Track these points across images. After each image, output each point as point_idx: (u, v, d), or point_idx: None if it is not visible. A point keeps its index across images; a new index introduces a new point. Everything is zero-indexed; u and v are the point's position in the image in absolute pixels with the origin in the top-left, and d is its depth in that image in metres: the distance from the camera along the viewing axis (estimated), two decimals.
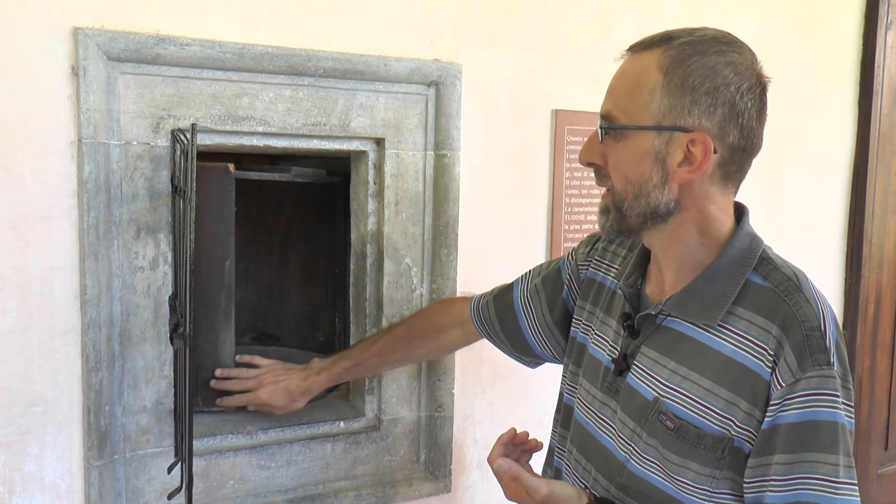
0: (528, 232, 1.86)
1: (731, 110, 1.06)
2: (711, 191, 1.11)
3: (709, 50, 1.06)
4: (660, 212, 1.10)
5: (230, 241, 1.62)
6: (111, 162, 1.43)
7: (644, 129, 1.07)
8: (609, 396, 1.22)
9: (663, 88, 1.05)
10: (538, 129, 1.84)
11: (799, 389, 1.02)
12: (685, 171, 1.07)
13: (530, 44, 1.80)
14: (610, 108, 1.10)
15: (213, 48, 1.46)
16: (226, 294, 1.62)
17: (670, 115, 1.06)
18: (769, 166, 2.21)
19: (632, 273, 1.24)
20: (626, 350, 1.21)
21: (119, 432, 1.48)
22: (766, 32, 2.14)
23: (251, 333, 2.35)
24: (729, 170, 1.10)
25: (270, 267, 2.33)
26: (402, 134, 1.69)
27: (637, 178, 1.09)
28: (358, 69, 1.60)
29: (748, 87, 1.07)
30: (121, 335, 1.47)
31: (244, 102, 1.53)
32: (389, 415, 1.75)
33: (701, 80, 1.05)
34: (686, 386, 1.11)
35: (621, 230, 1.15)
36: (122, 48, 1.40)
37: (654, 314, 1.17)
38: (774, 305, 1.07)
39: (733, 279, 1.11)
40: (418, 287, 1.74)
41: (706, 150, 1.06)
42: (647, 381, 1.16)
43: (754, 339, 1.07)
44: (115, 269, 1.45)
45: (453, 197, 1.73)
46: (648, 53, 1.08)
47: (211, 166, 1.57)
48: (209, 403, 1.66)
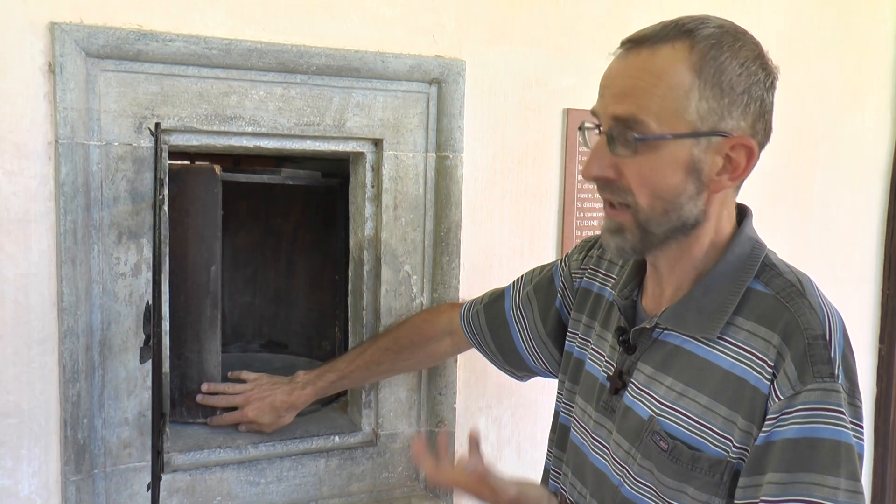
0: (537, 238, 1.76)
1: (761, 108, 0.97)
2: (729, 195, 1.02)
3: (735, 44, 0.96)
4: (688, 224, 1.00)
5: (216, 245, 1.55)
6: (91, 163, 1.37)
7: (682, 137, 0.95)
8: (605, 416, 1.13)
9: (699, 90, 0.94)
10: (548, 129, 1.74)
11: (798, 403, 0.92)
12: (726, 178, 0.98)
13: (540, 39, 1.70)
14: (634, 111, 0.95)
15: (197, 44, 1.39)
16: (211, 301, 1.55)
17: (709, 120, 0.95)
18: (798, 168, 2.09)
19: (627, 283, 1.14)
20: (622, 367, 1.11)
21: (99, 445, 1.42)
22: (795, 26, 2.02)
23: (259, 340, 2.29)
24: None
25: (278, 272, 2.27)
26: (401, 134, 1.60)
27: (669, 191, 0.97)
28: (353, 66, 1.52)
29: (772, 82, 0.99)
30: (101, 344, 1.40)
31: (232, 101, 1.46)
32: (387, 429, 1.67)
33: (737, 79, 0.95)
34: (683, 403, 1.02)
35: (643, 250, 1.03)
36: (101, 44, 1.33)
37: (650, 328, 1.07)
38: (776, 313, 0.97)
39: (733, 287, 1.01)
40: (418, 296, 1.65)
41: (750, 154, 0.97)
42: (643, 399, 1.07)
43: (755, 351, 0.97)
44: (94, 275, 1.39)
45: (455, 201, 1.64)
46: (669, 49, 0.95)
47: (196, 167, 1.50)
48: (195, 415, 1.60)
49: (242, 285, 2.29)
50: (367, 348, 1.54)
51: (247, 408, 1.56)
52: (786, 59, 1.99)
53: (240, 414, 1.57)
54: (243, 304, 2.30)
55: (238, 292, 2.30)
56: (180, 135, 1.45)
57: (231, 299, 2.30)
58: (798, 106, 2.06)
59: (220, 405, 1.58)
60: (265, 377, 1.62)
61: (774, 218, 2.06)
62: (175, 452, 1.52)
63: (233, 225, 2.27)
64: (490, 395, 1.76)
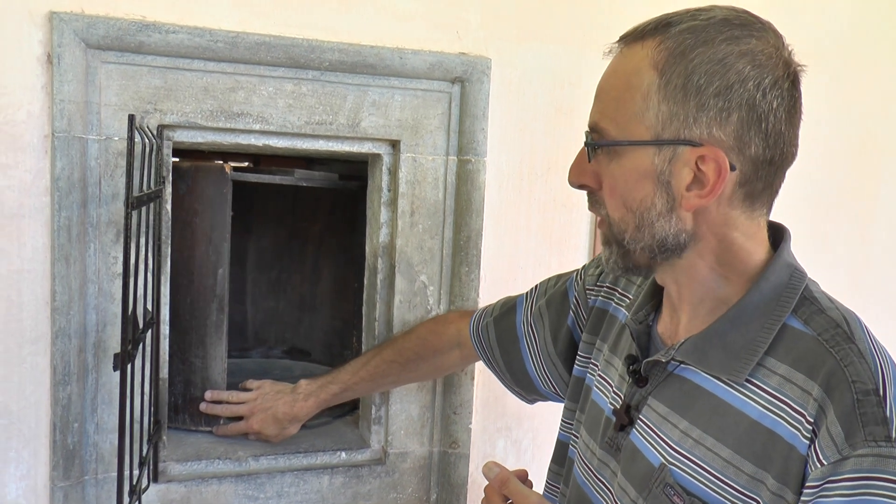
0: (566, 250, 1.64)
1: (751, 114, 0.83)
2: (733, 215, 0.88)
3: (716, 37, 0.84)
4: (668, 245, 0.89)
5: (225, 248, 1.49)
6: (88, 158, 1.32)
7: (639, 144, 0.86)
8: (609, 455, 1.01)
9: (660, 91, 0.84)
10: (580, 134, 1.60)
11: (846, 471, 0.77)
12: (695, 195, 0.85)
13: (572, 37, 1.59)
14: (597, 118, 0.91)
15: (202, 36, 1.33)
16: (218, 305, 1.49)
17: (671, 126, 0.84)
18: (859, 182, 1.91)
19: (642, 306, 1.02)
20: (631, 400, 0.99)
21: (90, 451, 1.37)
22: (860, 24, 1.84)
23: (282, 347, 2.23)
24: (754, 188, 0.87)
25: (303, 277, 2.21)
26: (420, 136, 1.51)
27: (637, 204, 0.88)
28: (369, 62, 1.43)
29: (772, 82, 0.84)
30: (95, 346, 1.35)
31: (239, 97, 1.39)
32: (397, 448, 1.57)
33: (708, 77, 0.83)
34: (699, 453, 0.88)
35: (627, 267, 0.94)
36: (101, 35, 1.28)
37: (665, 361, 0.95)
38: (817, 359, 0.83)
39: (766, 322, 0.88)
40: (434, 308, 1.56)
41: (720, 168, 0.84)
42: (653, 441, 0.94)
43: (789, 400, 0.83)
44: (90, 274, 1.34)
45: (477, 208, 1.54)
46: (640, 47, 0.87)
47: (205, 166, 1.45)
48: (198, 423, 1.54)
49: (266, 289, 2.24)
50: (370, 359, 1.45)
51: (251, 419, 1.50)
52: (848, 60, 1.85)
53: (245, 425, 1.51)
54: (267, 308, 2.24)
55: (262, 296, 2.24)
56: (184, 131, 1.39)
57: (255, 303, 2.25)
58: (861, 112, 1.88)
59: (223, 414, 1.52)
60: (268, 385, 1.55)
61: (829, 238, 1.88)
62: (172, 462, 1.46)
63: (259, 227, 2.22)
64: (510, 415, 1.65)
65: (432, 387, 1.58)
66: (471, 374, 1.58)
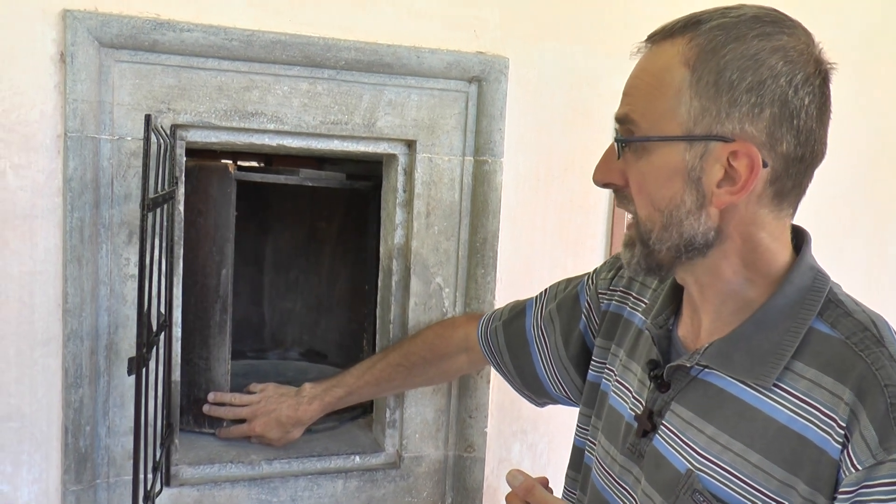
0: (582, 252, 1.62)
1: (783, 110, 0.82)
2: (761, 213, 0.87)
3: (748, 34, 0.82)
4: (696, 244, 0.87)
5: (229, 248, 1.47)
6: (101, 158, 1.30)
7: (670, 139, 0.84)
8: (631, 461, 0.99)
9: (692, 87, 0.83)
10: (598, 135, 1.60)
11: (881, 476, 0.75)
12: (726, 192, 0.84)
13: (591, 36, 1.57)
14: (626, 114, 0.89)
15: (217, 34, 1.31)
16: (221, 306, 1.48)
17: (703, 121, 0.83)
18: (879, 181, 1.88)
19: (662, 310, 1.00)
20: (653, 406, 0.97)
21: (102, 455, 1.35)
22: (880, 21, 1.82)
23: (298, 348, 2.21)
24: (783, 186, 0.86)
25: (321, 278, 2.19)
26: (436, 136, 1.49)
27: (665, 203, 0.86)
28: (385, 61, 1.41)
29: (804, 78, 0.82)
30: (107, 348, 1.34)
31: (254, 96, 1.37)
32: (412, 452, 1.55)
33: (740, 73, 0.81)
34: (728, 458, 0.87)
35: (650, 267, 0.92)
36: (115, 33, 1.26)
37: (689, 366, 0.93)
38: (846, 362, 0.81)
39: (792, 326, 0.86)
40: (450, 311, 1.54)
41: (752, 163, 0.82)
42: (678, 447, 0.92)
43: (818, 405, 0.81)
44: (102, 276, 1.32)
45: (494, 209, 1.51)
46: (670, 44, 0.86)
47: (209, 165, 1.43)
48: (201, 424, 1.52)
49: (284, 290, 2.22)
50: (376, 363, 1.44)
51: (254, 422, 1.49)
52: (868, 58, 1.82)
53: (247, 427, 1.49)
54: (284, 309, 2.22)
55: (279, 297, 2.23)
56: (197, 131, 1.37)
57: (271, 304, 2.23)
58: (883, 110, 1.85)
59: (226, 417, 1.51)
60: (272, 388, 1.53)
61: (847, 239, 1.86)
62: (184, 465, 1.44)
63: (276, 227, 2.20)
64: (525, 419, 1.63)
65: (447, 390, 1.56)
66: (486, 377, 1.56)
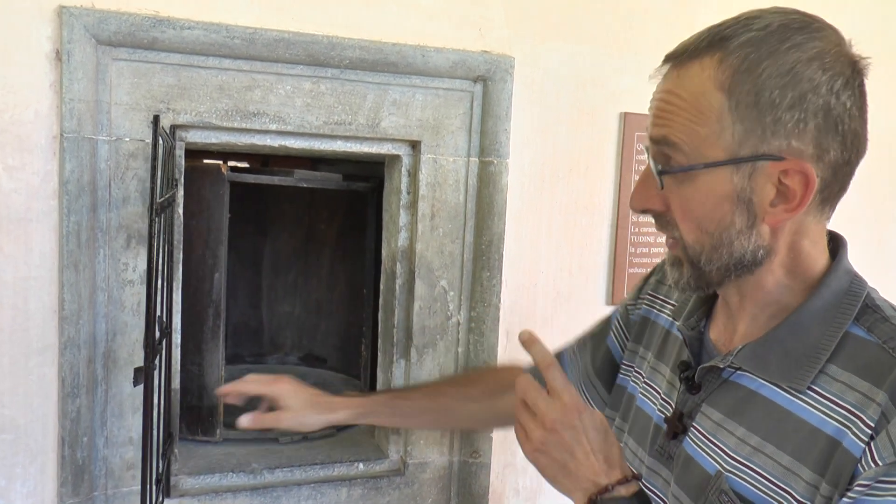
0: (587, 254, 1.60)
1: (828, 119, 0.79)
2: (806, 221, 0.84)
3: (780, 47, 0.79)
4: (745, 262, 0.84)
5: (222, 251, 1.44)
6: (99, 160, 1.26)
7: (716, 164, 0.81)
8: (660, 463, 0.97)
9: (732, 112, 0.79)
10: (603, 134, 1.58)
11: None
12: (782, 210, 0.81)
13: (597, 36, 1.54)
14: (665, 136, 0.84)
15: (218, 32, 1.27)
16: (214, 310, 1.44)
17: (748, 143, 0.80)
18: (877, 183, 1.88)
19: (693, 312, 0.98)
20: (683, 408, 0.94)
21: (100, 466, 1.31)
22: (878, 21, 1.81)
23: (298, 352, 2.18)
24: (831, 192, 0.83)
25: (320, 280, 2.16)
26: (441, 136, 1.46)
27: (715, 225, 0.83)
28: (390, 60, 1.38)
29: (844, 83, 0.79)
30: (105, 356, 1.29)
31: (256, 96, 1.34)
32: (417, 458, 1.52)
33: (781, 90, 0.78)
34: (758, 460, 0.85)
35: (699, 286, 0.89)
36: (113, 31, 1.22)
37: (722, 367, 0.90)
38: (883, 367, 0.79)
39: (829, 329, 0.84)
40: (454, 314, 1.51)
41: (807, 180, 0.79)
42: (708, 449, 0.90)
43: (851, 407, 0.79)
44: (99, 281, 1.28)
45: (499, 211, 1.49)
46: (698, 66, 0.81)
47: (202, 166, 1.39)
48: (195, 431, 1.48)
49: (282, 293, 2.18)
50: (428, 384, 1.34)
51: (280, 383, 1.26)
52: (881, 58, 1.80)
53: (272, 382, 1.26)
54: (283, 313, 2.19)
55: (278, 301, 2.19)
56: (198, 131, 1.33)
57: (270, 308, 2.20)
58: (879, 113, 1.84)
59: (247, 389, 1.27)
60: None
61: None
62: (184, 475, 1.40)
63: (275, 229, 2.16)
64: None
65: None
66: None
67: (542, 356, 0.89)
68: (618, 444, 0.87)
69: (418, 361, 1.49)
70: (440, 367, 1.51)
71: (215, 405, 1.54)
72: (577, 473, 0.83)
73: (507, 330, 1.54)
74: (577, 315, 1.60)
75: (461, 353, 1.51)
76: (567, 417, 0.83)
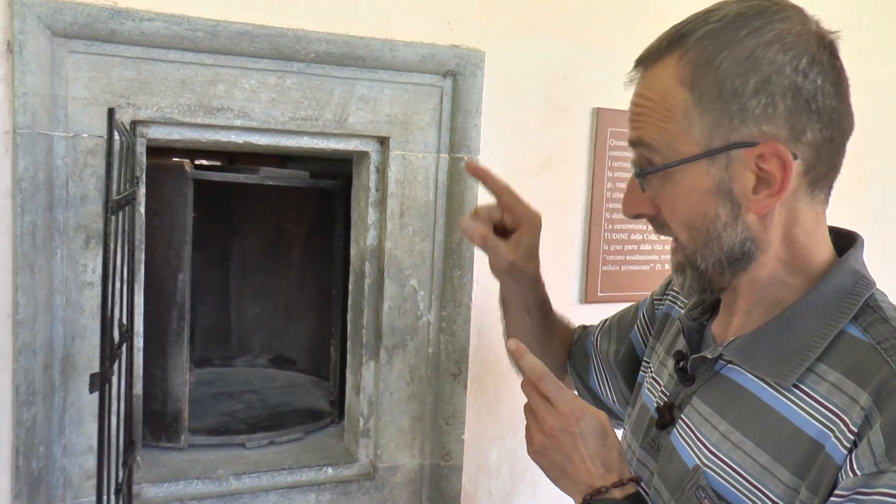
0: (560, 252, 1.58)
1: (797, 98, 0.78)
2: (796, 208, 0.83)
3: (737, 35, 0.78)
4: (735, 254, 0.83)
5: (186, 251, 1.39)
6: (55, 157, 1.21)
7: (690, 160, 0.80)
8: (648, 455, 0.96)
9: (697, 106, 0.79)
10: (576, 130, 1.56)
11: (879, 485, 0.70)
12: (765, 196, 0.80)
13: (569, 29, 1.52)
14: (639, 137, 0.84)
15: (180, 25, 1.23)
16: (178, 312, 1.40)
17: (718, 134, 0.79)
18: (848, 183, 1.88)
19: (698, 303, 0.96)
20: (675, 399, 0.93)
21: (58, 476, 1.26)
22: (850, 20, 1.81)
23: (267, 355, 2.14)
24: (817, 173, 0.82)
25: (289, 281, 2.11)
26: (410, 132, 1.43)
27: (700, 220, 0.82)
28: (358, 54, 1.34)
29: (810, 60, 0.78)
30: (63, 362, 1.24)
31: (220, 91, 1.29)
32: (387, 461, 1.49)
33: (742, 77, 0.77)
34: (736, 457, 0.83)
35: (703, 288, 0.89)
36: (69, 22, 1.17)
37: (712, 358, 0.89)
38: (871, 367, 0.77)
39: (822, 327, 0.82)
40: (425, 314, 1.48)
41: (783, 161, 0.78)
42: (691, 442, 0.89)
43: (836, 409, 0.77)
44: (57, 283, 1.23)
45: (470, 208, 1.46)
46: (661, 66, 0.82)
47: (164, 164, 1.35)
48: (159, 437, 1.44)
49: (252, 295, 2.14)
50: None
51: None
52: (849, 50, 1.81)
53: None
54: (252, 315, 2.14)
55: (247, 302, 2.14)
56: (159, 127, 1.29)
57: (239, 309, 2.15)
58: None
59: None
60: None
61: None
62: (147, 483, 1.36)
63: (243, 228, 2.12)
64: (504, 424, 1.58)
65: (423, 397, 1.50)
66: (463, 382, 1.50)
67: (532, 368, 0.89)
68: (619, 446, 0.87)
69: (388, 363, 1.46)
70: (410, 369, 1.48)
71: (180, 410, 1.49)
72: (575, 477, 0.85)
73: (479, 330, 1.51)
74: None
75: (432, 354, 1.48)
76: (564, 424, 0.84)
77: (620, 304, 1.63)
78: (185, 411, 1.49)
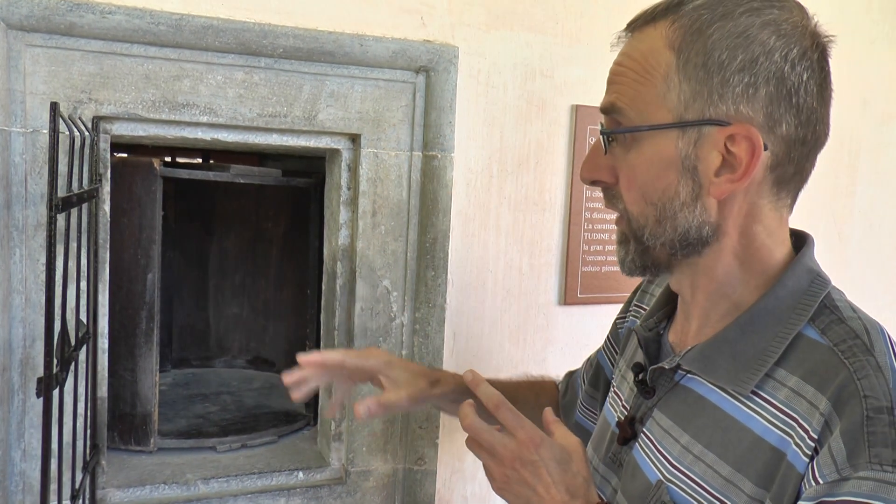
0: (538, 252, 1.54)
1: (780, 87, 0.75)
2: (759, 204, 0.80)
3: (735, 10, 0.76)
4: (690, 239, 0.80)
5: (155, 250, 1.36)
6: (13, 153, 1.18)
7: (661, 127, 0.77)
8: (611, 471, 0.92)
9: (679, 71, 0.76)
10: (553, 128, 1.53)
11: (843, 493, 0.67)
12: (726, 179, 0.77)
13: (545, 25, 1.49)
14: (611, 105, 0.81)
15: (142, 18, 1.20)
16: (147, 313, 1.37)
17: (694, 106, 0.76)
18: (836, 182, 1.86)
19: (654, 313, 0.94)
20: (636, 412, 0.90)
21: (16, 481, 1.23)
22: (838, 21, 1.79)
23: (246, 356, 2.11)
24: (785, 172, 0.79)
25: (268, 281, 2.09)
26: (382, 130, 1.40)
27: (658, 195, 0.79)
28: (327, 49, 1.32)
29: (800, 53, 0.75)
30: (22, 364, 1.21)
31: (185, 86, 1.26)
32: (359, 466, 1.46)
33: (730, 52, 0.74)
34: (699, 470, 0.80)
35: (645, 265, 0.84)
36: (25, 14, 1.14)
37: (670, 369, 0.86)
38: (829, 371, 0.74)
39: (780, 331, 0.79)
40: (398, 315, 1.45)
41: (753, 146, 0.75)
42: (653, 456, 0.86)
43: (796, 416, 0.74)
44: (16, 283, 1.20)
45: (444, 207, 1.43)
46: (652, 28, 0.79)
47: (132, 161, 1.32)
48: (127, 441, 1.41)
49: (230, 294, 2.11)
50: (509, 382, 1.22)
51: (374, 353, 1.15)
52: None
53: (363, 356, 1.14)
54: (230, 315, 2.11)
55: (225, 302, 2.12)
56: (123, 123, 1.26)
57: (217, 310, 2.12)
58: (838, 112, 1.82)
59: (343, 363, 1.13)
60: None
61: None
62: (112, 488, 1.33)
63: (221, 227, 2.09)
64: None
65: None
66: None
67: (488, 397, 0.86)
68: (584, 472, 0.83)
69: None
70: None
71: (149, 412, 1.46)
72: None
73: (453, 332, 1.48)
74: (528, 316, 1.55)
75: (405, 356, 1.45)
76: (524, 452, 0.81)
77: (601, 305, 1.61)
78: (155, 414, 1.47)
